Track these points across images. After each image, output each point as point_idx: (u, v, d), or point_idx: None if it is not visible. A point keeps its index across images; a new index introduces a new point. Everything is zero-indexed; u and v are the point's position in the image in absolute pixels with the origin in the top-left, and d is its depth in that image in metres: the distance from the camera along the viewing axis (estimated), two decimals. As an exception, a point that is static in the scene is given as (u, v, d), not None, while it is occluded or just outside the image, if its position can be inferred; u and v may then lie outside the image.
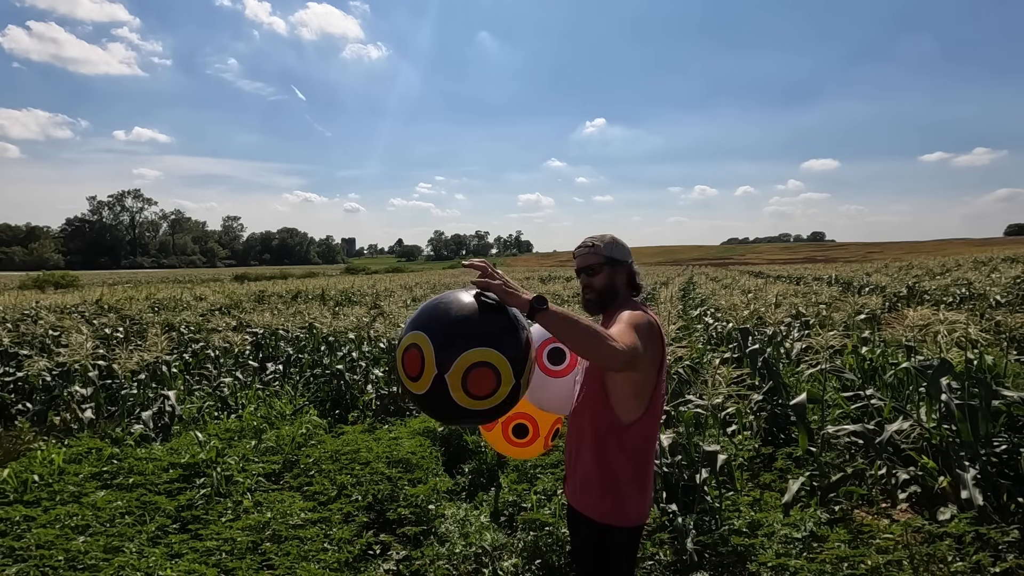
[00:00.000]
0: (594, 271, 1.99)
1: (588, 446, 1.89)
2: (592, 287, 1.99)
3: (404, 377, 1.70)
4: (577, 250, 2.06)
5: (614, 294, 1.99)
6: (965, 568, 2.45)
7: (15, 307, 12.09)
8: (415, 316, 1.73)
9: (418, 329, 1.67)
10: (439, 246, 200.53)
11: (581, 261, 2.03)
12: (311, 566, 2.87)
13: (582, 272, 2.02)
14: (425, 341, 1.63)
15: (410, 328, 1.70)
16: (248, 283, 31.52)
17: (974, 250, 41.13)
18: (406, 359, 1.68)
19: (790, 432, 4.64)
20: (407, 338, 1.69)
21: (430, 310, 1.71)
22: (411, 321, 1.73)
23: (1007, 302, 9.74)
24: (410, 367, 1.66)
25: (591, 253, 2.01)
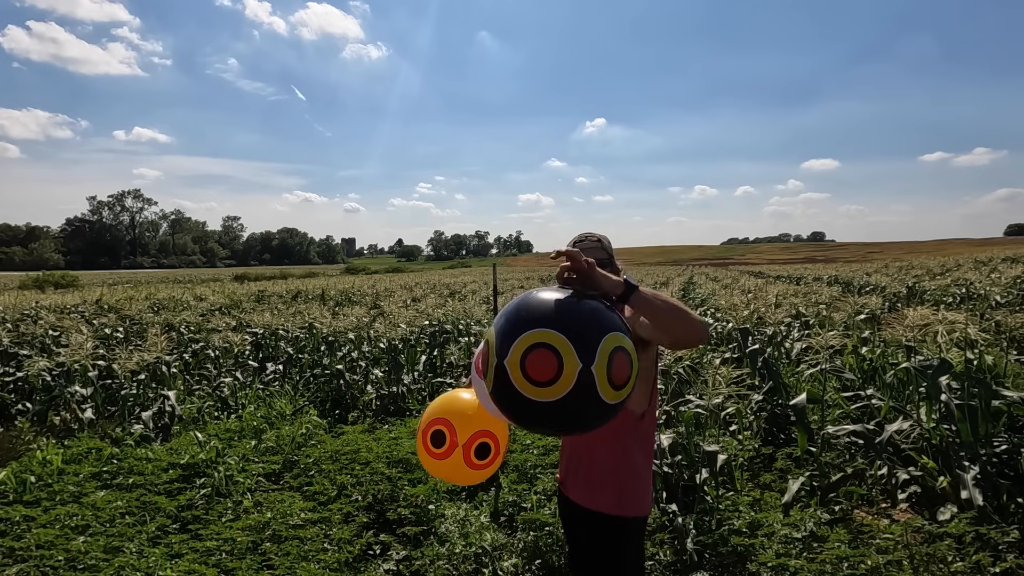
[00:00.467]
0: (601, 265, 1.91)
1: (603, 443, 1.87)
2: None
3: (476, 374, 1.67)
4: (579, 244, 1.97)
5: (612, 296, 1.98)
6: (965, 568, 2.45)
7: (15, 307, 12.10)
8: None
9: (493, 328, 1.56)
10: (439, 246, 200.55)
11: (588, 255, 1.93)
12: (311, 566, 2.87)
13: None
14: (491, 336, 1.52)
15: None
16: (248, 283, 31.52)
17: (974, 250, 41.13)
18: (479, 359, 1.63)
19: (790, 432, 4.64)
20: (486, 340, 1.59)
21: (504, 311, 1.58)
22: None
23: (1007, 302, 9.75)
24: (479, 364, 1.58)
25: (599, 247, 1.95)
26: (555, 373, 1.39)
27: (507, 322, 1.50)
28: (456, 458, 2.03)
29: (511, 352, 1.43)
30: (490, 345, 1.51)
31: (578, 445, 1.95)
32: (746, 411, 4.82)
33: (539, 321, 1.44)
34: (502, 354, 1.45)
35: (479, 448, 2.04)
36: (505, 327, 1.48)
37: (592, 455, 1.91)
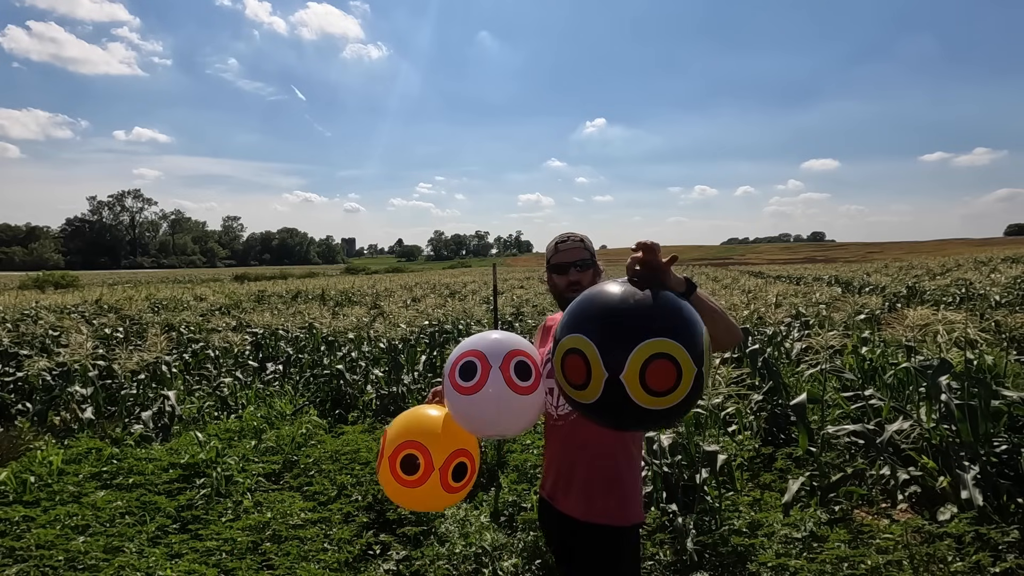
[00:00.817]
0: (586, 266, 1.90)
1: (600, 452, 1.80)
2: (581, 283, 1.87)
3: (567, 387, 1.50)
4: (562, 244, 1.92)
5: None
6: (965, 568, 2.45)
7: (15, 307, 12.09)
8: (566, 318, 1.52)
9: (574, 332, 1.45)
10: (439, 246, 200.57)
11: (572, 255, 1.90)
12: (311, 566, 2.87)
13: (572, 267, 1.89)
14: (587, 344, 1.41)
15: (564, 332, 1.49)
16: (248, 283, 31.52)
17: (974, 250, 41.13)
18: (566, 367, 1.47)
19: (790, 432, 4.64)
20: (563, 343, 1.48)
21: (584, 308, 1.49)
22: (563, 325, 1.51)
23: (1007, 302, 9.75)
24: (573, 375, 1.45)
25: (583, 247, 1.92)
26: (675, 382, 1.35)
27: (610, 330, 1.41)
28: (432, 483, 1.80)
29: (627, 366, 1.35)
30: (587, 355, 1.41)
31: (573, 454, 1.85)
32: (746, 411, 4.82)
33: (653, 330, 1.37)
34: (615, 368, 1.36)
35: (456, 469, 1.82)
36: (610, 336, 1.40)
37: (587, 466, 1.82)
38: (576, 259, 1.90)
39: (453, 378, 1.78)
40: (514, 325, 9.83)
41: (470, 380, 1.75)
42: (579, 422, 1.81)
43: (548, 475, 1.94)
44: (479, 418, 1.77)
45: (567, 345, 1.46)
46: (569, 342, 1.45)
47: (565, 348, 1.46)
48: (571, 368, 1.44)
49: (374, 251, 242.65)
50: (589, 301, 1.49)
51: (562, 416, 1.85)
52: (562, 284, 1.91)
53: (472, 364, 1.77)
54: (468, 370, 1.76)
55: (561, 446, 1.87)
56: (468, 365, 1.77)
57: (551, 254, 1.95)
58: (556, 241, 1.95)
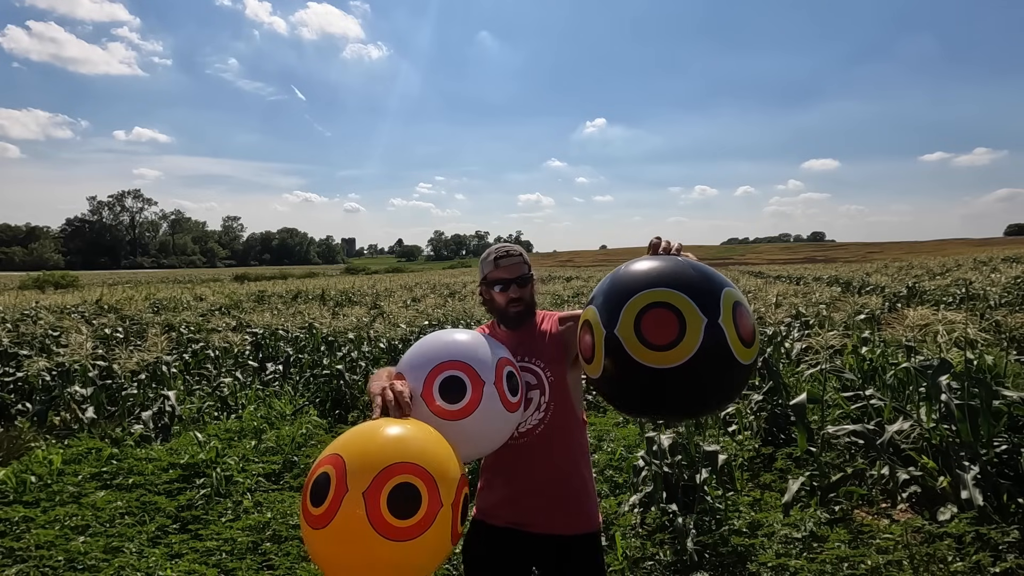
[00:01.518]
0: (526, 281, 1.82)
1: (569, 461, 1.77)
2: (523, 299, 1.81)
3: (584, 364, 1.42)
4: (503, 260, 1.81)
5: (534, 306, 1.88)
6: (965, 568, 2.45)
7: (15, 307, 12.10)
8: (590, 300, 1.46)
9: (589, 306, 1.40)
10: (439, 246, 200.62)
11: (514, 270, 1.80)
12: (311, 566, 2.87)
13: (512, 283, 1.79)
14: (592, 313, 1.34)
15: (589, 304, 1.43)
16: (248, 283, 31.54)
17: (974, 250, 41.14)
18: (581, 347, 1.41)
19: (790, 432, 4.64)
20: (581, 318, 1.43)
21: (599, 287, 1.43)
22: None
23: (1007, 302, 9.75)
24: (584, 350, 1.39)
25: (522, 261, 1.83)
26: (678, 333, 1.22)
27: (609, 291, 1.33)
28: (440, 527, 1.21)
29: (621, 319, 1.25)
30: (591, 325, 1.33)
31: (544, 471, 1.73)
32: (746, 411, 4.82)
33: (647, 282, 1.28)
34: (610, 324, 1.27)
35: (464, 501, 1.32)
36: (608, 297, 1.32)
37: (566, 475, 1.76)
38: (517, 275, 1.81)
39: (431, 398, 1.43)
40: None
41: (458, 401, 1.43)
42: (545, 435, 1.74)
43: (507, 503, 1.76)
44: (465, 445, 1.43)
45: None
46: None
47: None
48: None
49: (374, 251, 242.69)
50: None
51: (526, 432, 1.73)
52: (503, 301, 1.81)
53: (458, 380, 1.44)
54: (453, 388, 1.44)
55: (527, 465, 1.73)
56: (453, 382, 1.44)
57: (489, 270, 1.83)
58: (495, 256, 1.84)
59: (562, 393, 1.76)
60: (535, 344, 1.82)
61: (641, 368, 1.24)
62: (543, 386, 1.75)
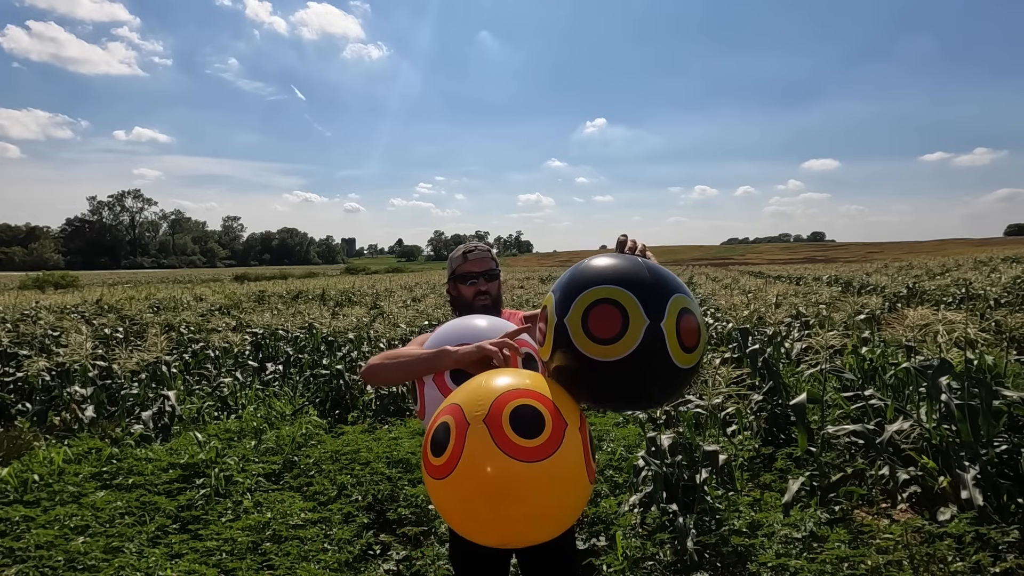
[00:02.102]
0: (493, 276, 1.87)
1: None
2: (490, 293, 1.87)
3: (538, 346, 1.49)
4: (472, 254, 1.87)
5: (500, 302, 1.91)
6: (965, 568, 2.45)
7: (15, 307, 12.09)
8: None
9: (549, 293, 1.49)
10: (439, 246, 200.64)
11: (482, 264, 1.86)
12: (311, 566, 2.87)
13: (481, 276, 1.85)
14: (550, 300, 1.43)
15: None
16: (248, 283, 31.53)
17: (974, 250, 41.14)
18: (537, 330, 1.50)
19: (790, 432, 4.64)
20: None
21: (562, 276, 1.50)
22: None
23: (1007, 302, 9.75)
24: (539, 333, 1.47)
25: (490, 257, 1.88)
26: (620, 329, 1.31)
27: (567, 283, 1.44)
28: (571, 449, 1.19)
29: (571, 310, 1.36)
30: (547, 312, 1.42)
31: None
32: (746, 411, 4.82)
33: (601, 278, 1.38)
34: (561, 312, 1.38)
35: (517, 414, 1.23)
36: (565, 288, 1.42)
37: None
38: (485, 269, 1.86)
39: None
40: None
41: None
42: None
43: None
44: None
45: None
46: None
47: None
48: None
49: (374, 251, 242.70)
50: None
51: None
52: (469, 294, 1.86)
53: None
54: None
55: None
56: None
57: (458, 264, 1.90)
58: (464, 251, 1.90)
59: None
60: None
61: (582, 358, 1.33)
62: None
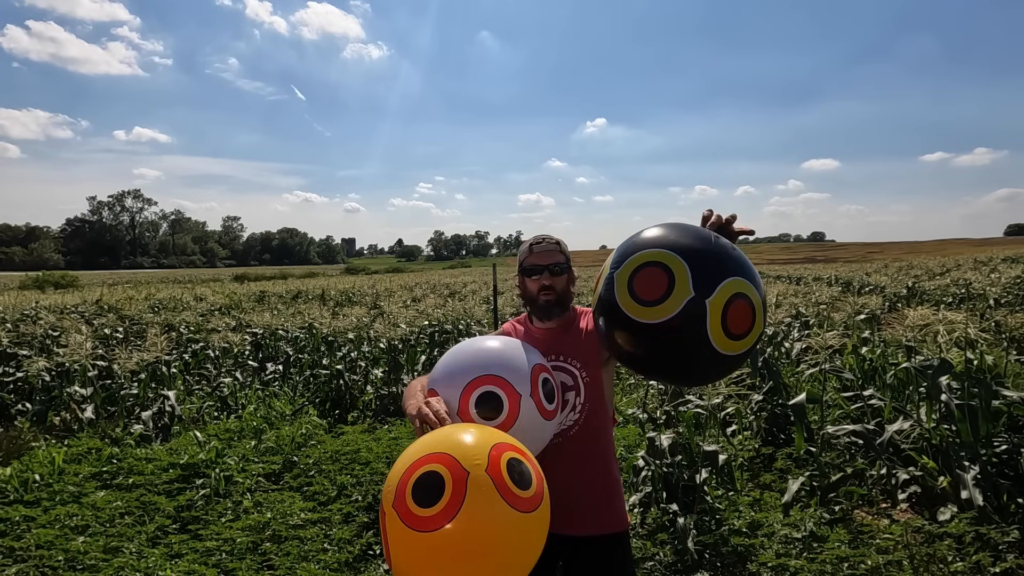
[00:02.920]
0: (560, 270, 1.79)
1: (598, 461, 1.76)
2: (555, 288, 1.78)
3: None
4: (537, 246, 1.80)
5: (569, 298, 1.83)
6: (965, 568, 2.45)
7: (15, 307, 12.08)
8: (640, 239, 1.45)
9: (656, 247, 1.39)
10: (439, 246, 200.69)
11: (546, 257, 1.78)
12: (311, 566, 2.87)
13: (545, 269, 1.77)
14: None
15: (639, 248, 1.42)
16: (248, 283, 31.54)
17: (974, 250, 41.15)
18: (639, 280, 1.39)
19: (790, 432, 4.63)
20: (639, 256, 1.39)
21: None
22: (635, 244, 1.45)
23: (1006, 302, 9.75)
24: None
25: (558, 250, 1.81)
26: (662, 294, 1.29)
27: (631, 241, 1.44)
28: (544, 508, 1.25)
29: (624, 265, 1.36)
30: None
31: (573, 472, 1.71)
32: (746, 411, 4.82)
33: (661, 243, 1.36)
34: (615, 266, 1.39)
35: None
36: (628, 245, 1.43)
37: (593, 476, 1.75)
38: (551, 262, 1.78)
39: (467, 414, 1.43)
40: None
41: (496, 415, 1.42)
42: (579, 436, 1.72)
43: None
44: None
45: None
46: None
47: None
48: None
49: (374, 251, 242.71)
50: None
51: (559, 433, 1.71)
52: (534, 288, 1.78)
53: (494, 396, 1.43)
54: (490, 402, 1.43)
55: (558, 467, 1.64)
56: (489, 396, 1.43)
57: (524, 256, 1.82)
58: (530, 243, 1.83)
59: (597, 393, 1.74)
60: (571, 343, 1.77)
61: (619, 312, 1.35)
62: (579, 387, 1.73)
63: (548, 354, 1.74)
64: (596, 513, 1.73)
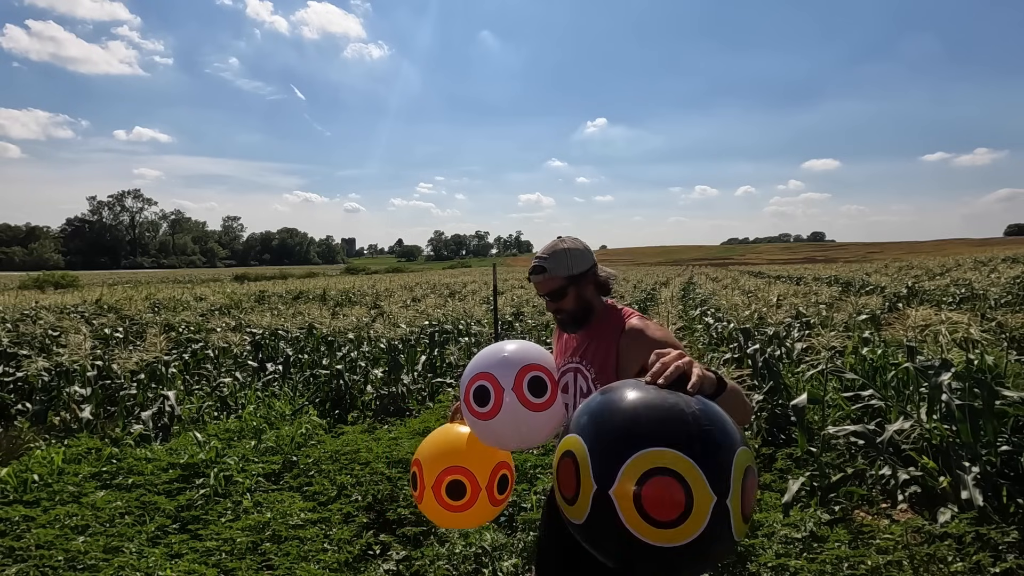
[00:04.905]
0: (560, 295, 1.77)
1: None
2: (563, 310, 1.78)
3: (560, 499, 1.22)
4: (532, 275, 1.78)
5: (588, 309, 1.78)
6: (965, 568, 2.45)
7: (15, 307, 12.08)
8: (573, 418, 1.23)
9: (573, 432, 1.19)
10: (439, 246, 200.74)
11: (540, 288, 1.78)
12: (311, 566, 2.87)
13: (547, 296, 1.79)
14: (580, 445, 1.15)
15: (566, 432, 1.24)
16: (248, 283, 31.54)
17: (974, 250, 41.14)
18: (560, 473, 1.20)
19: (790, 432, 4.64)
20: (561, 444, 1.22)
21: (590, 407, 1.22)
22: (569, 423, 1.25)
23: (1006, 302, 9.75)
24: (564, 484, 1.18)
25: (548, 279, 1.76)
26: (683, 509, 1.05)
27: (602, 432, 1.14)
28: (481, 502, 1.81)
29: (619, 480, 1.07)
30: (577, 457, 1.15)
31: None
32: (746, 411, 4.81)
33: (651, 437, 1.08)
34: (604, 479, 1.08)
35: (500, 482, 1.86)
36: (601, 441, 1.13)
37: None
38: (546, 292, 1.78)
39: (469, 403, 1.75)
40: (514, 325, 9.83)
41: (485, 406, 1.72)
42: None
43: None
44: (501, 439, 1.77)
45: (562, 448, 1.20)
46: (564, 444, 1.20)
47: (561, 451, 1.20)
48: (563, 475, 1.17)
49: (374, 251, 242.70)
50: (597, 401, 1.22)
51: None
52: (550, 309, 1.83)
53: (484, 389, 1.72)
54: (481, 395, 1.72)
55: None
56: (480, 390, 1.73)
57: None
58: (529, 270, 1.82)
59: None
60: (589, 348, 1.78)
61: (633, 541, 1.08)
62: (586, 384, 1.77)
63: (573, 355, 1.82)
64: None
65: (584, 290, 1.78)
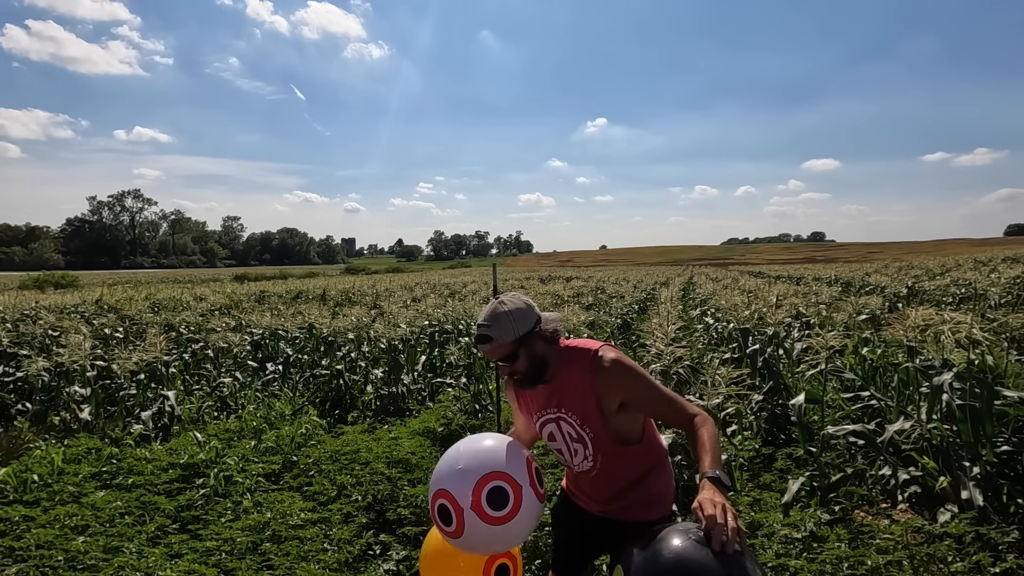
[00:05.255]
0: (511, 359, 1.75)
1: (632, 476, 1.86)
2: (518, 371, 1.77)
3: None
4: (480, 345, 1.77)
5: (542, 364, 1.77)
6: (965, 568, 2.45)
7: (15, 307, 12.08)
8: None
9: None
10: (439, 246, 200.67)
11: (490, 355, 1.77)
12: (311, 566, 2.86)
13: (498, 363, 1.81)
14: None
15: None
16: (248, 283, 31.54)
17: (974, 250, 41.15)
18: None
19: (790, 432, 4.63)
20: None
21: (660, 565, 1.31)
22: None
23: (1006, 302, 9.75)
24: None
25: (496, 347, 1.73)
26: None
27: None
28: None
29: None
30: None
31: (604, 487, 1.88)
32: (746, 411, 4.81)
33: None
34: None
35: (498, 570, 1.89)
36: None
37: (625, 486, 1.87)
38: (498, 358, 1.77)
39: (436, 522, 1.74)
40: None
41: (450, 525, 1.69)
42: (605, 469, 1.83)
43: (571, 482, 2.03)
44: (476, 550, 1.76)
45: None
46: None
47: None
48: None
49: (374, 251, 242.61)
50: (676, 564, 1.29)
51: (584, 471, 1.87)
52: (503, 374, 1.82)
53: (446, 508, 1.69)
54: (444, 515, 1.70)
55: (593, 486, 1.91)
56: (442, 509, 1.70)
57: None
58: (475, 339, 1.87)
59: (605, 444, 1.78)
60: (564, 396, 1.79)
61: None
62: (584, 440, 1.80)
63: (547, 407, 1.83)
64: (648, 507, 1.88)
65: (534, 348, 1.75)
